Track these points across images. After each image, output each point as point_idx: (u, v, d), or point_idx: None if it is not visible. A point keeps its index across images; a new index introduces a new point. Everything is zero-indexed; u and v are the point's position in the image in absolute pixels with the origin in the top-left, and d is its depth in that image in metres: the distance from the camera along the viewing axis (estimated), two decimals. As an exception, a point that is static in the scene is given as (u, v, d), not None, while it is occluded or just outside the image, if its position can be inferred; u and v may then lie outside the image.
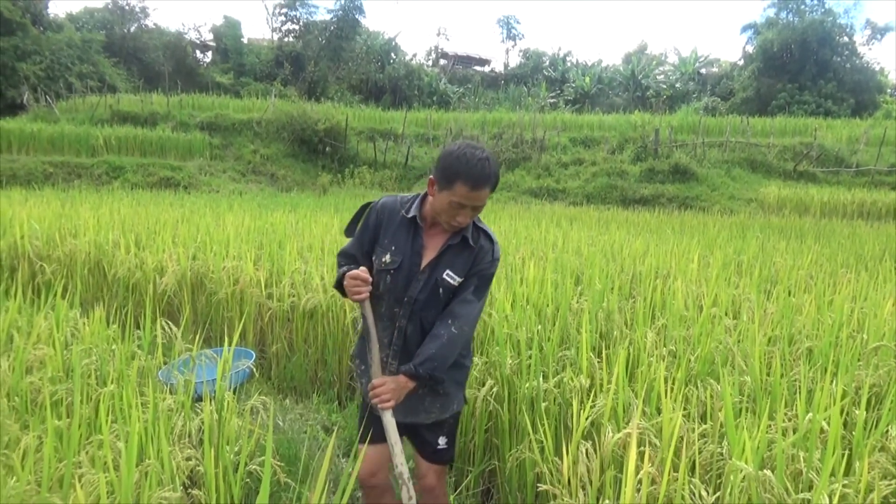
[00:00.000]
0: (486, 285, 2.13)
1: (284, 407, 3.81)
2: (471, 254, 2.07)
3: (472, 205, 1.94)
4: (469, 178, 1.89)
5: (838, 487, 1.45)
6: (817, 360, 2.66)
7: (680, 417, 1.82)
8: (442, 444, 2.18)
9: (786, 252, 6.46)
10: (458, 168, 1.90)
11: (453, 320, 2.03)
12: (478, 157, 1.91)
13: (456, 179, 1.90)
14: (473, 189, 1.91)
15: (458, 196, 1.92)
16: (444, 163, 1.95)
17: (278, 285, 4.45)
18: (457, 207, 1.94)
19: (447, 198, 1.94)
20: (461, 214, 1.97)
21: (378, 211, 2.14)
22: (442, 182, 1.95)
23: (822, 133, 22.71)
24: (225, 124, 22.29)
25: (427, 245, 2.09)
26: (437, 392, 2.11)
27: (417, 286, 2.06)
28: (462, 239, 2.06)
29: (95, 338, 2.95)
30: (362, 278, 2.00)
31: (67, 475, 1.79)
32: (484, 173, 1.91)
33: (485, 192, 1.93)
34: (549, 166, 20.77)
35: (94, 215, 6.97)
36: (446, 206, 1.95)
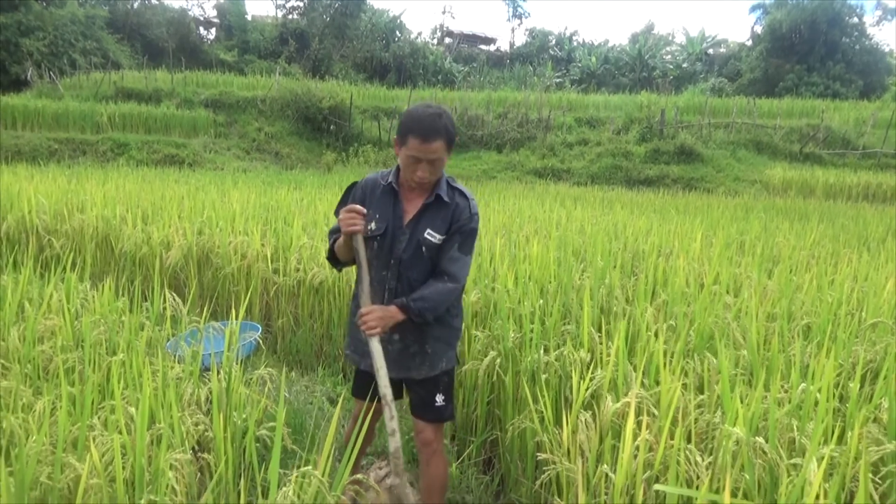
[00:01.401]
0: (470, 241, 2.24)
1: (290, 379, 3.87)
2: (448, 211, 2.18)
3: (426, 158, 2.04)
4: (419, 132, 2.01)
5: (827, 452, 1.49)
6: (815, 336, 2.70)
7: (678, 388, 1.87)
8: (440, 401, 2.28)
9: (789, 233, 6.48)
10: (409, 123, 2.04)
11: (446, 276, 2.17)
12: (429, 112, 2.03)
13: (409, 134, 2.03)
14: (424, 142, 2.01)
15: (412, 150, 2.03)
16: (401, 120, 2.10)
17: (284, 260, 4.50)
18: (414, 162, 2.06)
19: (405, 153, 2.06)
20: (419, 169, 2.07)
21: (362, 187, 2.29)
22: (399, 138, 2.09)
23: (830, 115, 22.56)
24: (229, 102, 22.23)
25: (407, 208, 2.22)
26: (425, 351, 2.23)
27: (401, 246, 2.18)
28: (436, 197, 2.17)
29: (105, 309, 3.00)
30: (357, 210, 2.10)
31: (81, 437, 1.84)
32: (433, 126, 2.01)
33: (436, 144, 2.02)
34: (554, 146, 20.70)
35: (100, 191, 7.01)
36: (406, 161, 2.08)
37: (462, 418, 3.00)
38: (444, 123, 2.03)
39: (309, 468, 1.71)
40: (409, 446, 3.01)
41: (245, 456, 2.11)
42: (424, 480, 2.33)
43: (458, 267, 2.18)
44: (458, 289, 2.19)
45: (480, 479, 2.67)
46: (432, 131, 2.01)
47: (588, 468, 1.88)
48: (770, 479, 1.66)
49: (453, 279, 2.16)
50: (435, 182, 2.18)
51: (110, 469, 1.76)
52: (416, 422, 2.34)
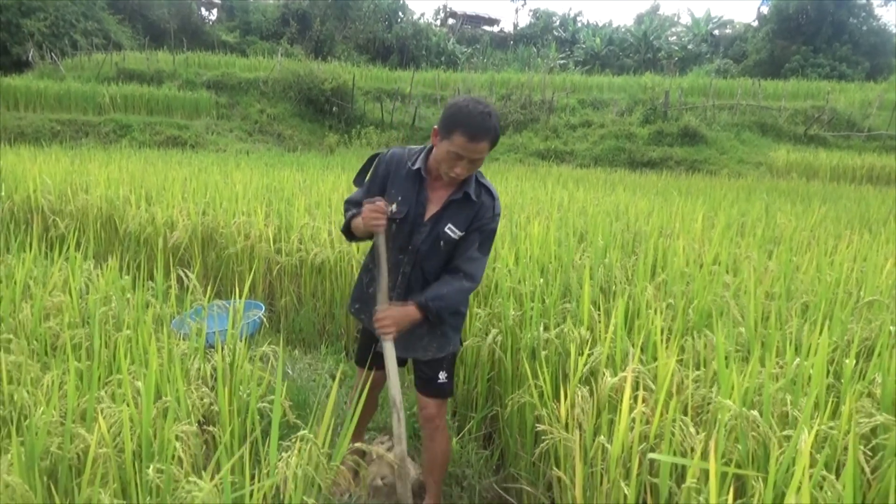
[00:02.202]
0: (490, 240, 2.22)
1: (293, 357, 3.92)
2: (472, 208, 2.14)
3: (469, 157, 1.99)
4: (468, 130, 1.94)
5: (817, 423, 1.53)
6: (812, 314, 2.73)
7: (674, 362, 1.90)
8: (442, 378, 2.31)
9: (790, 214, 6.48)
10: (458, 119, 1.95)
11: (463, 275, 2.15)
12: (479, 110, 1.95)
13: (455, 129, 1.95)
14: (471, 141, 1.95)
15: (456, 146, 1.97)
16: (446, 113, 2.00)
17: (287, 240, 4.53)
18: (455, 158, 2.00)
19: (446, 147, 1.99)
20: (459, 166, 2.01)
21: (387, 161, 2.22)
22: (443, 132, 2.01)
23: (835, 96, 22.40)
24: (231, 83, 22.15)
25: (431, 198, 2.17)
26: (434, 333, 2.24)
27: (420, 237, 2.16)
28: (464, 195, 2.13)
29: (111, 287, 3.04)
30: (381, 209, 2.07)
31: (90, 409, 1.89)
32: (483, 126, 1.94)
33: (483, 145, 1.97)
34: (558, 128, 20.63)
35: (103, 172, 7.04)
36: (445, 156, 2.01)
37: (463, 395, 3.04)
38: (493, 124, 1.98)
39: (307, 432, 1.76)
40: (411, 421, 3.06)
41: (249, 428, 2.15)
42: (427, 454, 2.38)
43: (475, 267, 2.17)
44: (473, 288, 2.19)
45: (480, 453, 2.72)
46: (482, 131, 1.95)
47: (585, 440, 1.92)
48: (763, 451, 1.70)
49: (470, 279, 2.15)
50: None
51: (118, 440, 1.81)
52: (419, 398, 2.38)
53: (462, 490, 2.61)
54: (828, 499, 1.40)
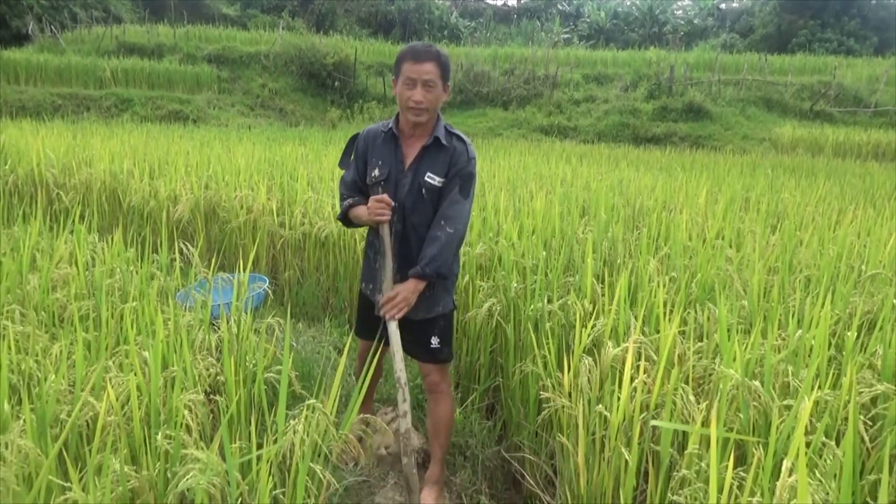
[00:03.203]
0: (470, 184, 2.30)
1: (297, 330, 3.95)
2: (447, 154, 2.25)
3: (420, 79, 2.13)
4: (411, 55, 2.15)
5: (815, 394, 1.54)
6: (815, 288, 2.74)
7: (676, 332, 1.91)
8: (435, 343, 2.36)
9: (795, 190, 6.46)
10: (402, 52, 2.19)
11: (446, 221, 2.22)
12: (422, 43, 2.20)
13: (402, 61, 2.17)
14: (416, 62, 2.13)
15: (405, 73, 2.14)
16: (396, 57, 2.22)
17: (290, 214, 4.54)
18: (408, 86, 2.15)
19: (400, 82, 2.17)
20: (415, 93, 2.15)
21: (364, 137, 2.36)
22: (395, 72, 2.21)
23: (842, 72, 22.17)
24: (232, 57, 21.95)
25: (406, 153, 2.30)
26: (424, 294, 2.28)
27: (404, 190, 2.25)
28: (434, 139, 2.24)
29: (116, 259, 3.06)
30: (386, 202, 2.18)
31: (98, 378, 1.91)
32: (426, 49, 2.16)
33: (428, 65, 2.13)
34: (561, 103, 20.46)
35: (106, 146, 7.02)
36: (401, 89, 2.18)
37: (466, 367, 3.07)
38: (436, 50, 2.17)
39: (315, 401, 1.78)
40: (415, 392, 3.10)
41: (255, 398, 2.18)
42: (431, 420, 2.42)
43: (457, 210, 2.24)
44: (460, 234, 2.25)
45: (483, 424, 2.75)
46: (425, 53, 2.14)
47: (587, 409, 1.94)
48: (764, 420, 1.72)
49: (452, 222, 2.22)
50: (433, 126, 2.26)
51: (126, 408, 1.83)
52: (420, 366, 2.44)
53: (465, 459, 2.64)
54: (827, 465, 1.42)
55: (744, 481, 1.43)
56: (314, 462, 1.74)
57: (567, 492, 1.93)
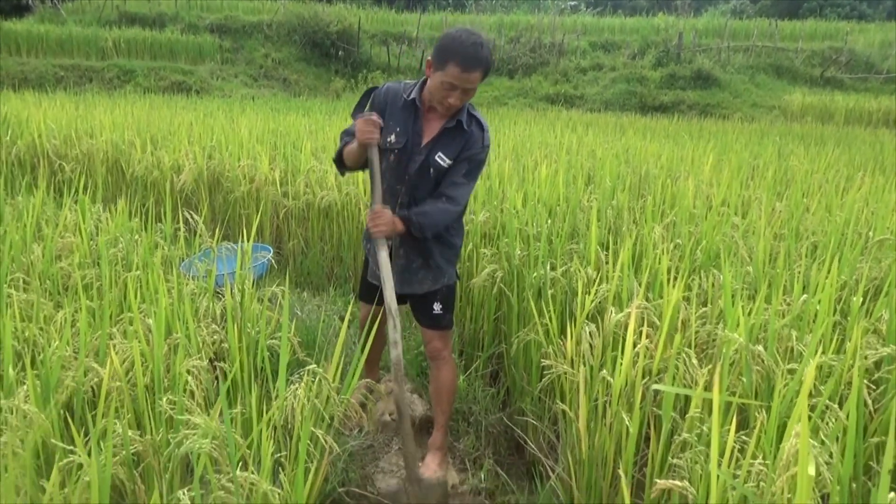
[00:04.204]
0: (478, 170, 2.28)
1: (302, 299, 3.96)
2: (463, 137, 2.21)
3: (462, 86, 2.04)
4: (461, 60, 1.99)
5: (817, 358, 1.53)
6: (822, 254, 2.71)
7: (680, 296, 1.90)
8: (437, 309, 2.38)
9: (803, 157, 6.38)
10: (451, 49, 2.01)
11: (447, 199, 2.21)
12: (472, 40, 2.01)
13: (448, 60, 2.01)
14: (464, 71, 2.00)
15: (449, 76, 2.02)
16: (440, 43, 2.06)
17: (293, 184, 4.52)
18: (448, 89, 2.05)
19: (440, 78, 2.05)
20: (452, 96, 2.07)
21: (384, 94, 2.28)
22: (437, 63, 2.06)
23: (854, 37, 21.77)
24: (235, 27, 21.67)
25: (426, 128, 2.24)
26: (429, 266, 2.32)
27: (414, 165, 2.22)
28: (457, 123, 2.18)
29: (120, 228, 3.06)
30: (374, 122, 2.11)
31: (102, 345, 1.92)
32: (476, 56, 2.00)
33: (475, 75, 2.03)
34: (568, 72, 20.20)
35: (108, 117, 6.98)
36: (439, 86, 2.06)
37: (470, 334, 3.08)
38: (486, 54, 2.04)
39: (315, 366, 1.79)
40: (419, 360, 3.11)
41: (259, 365, 2.19)
42: (434, 386, 2.44)
43: (460, 192, 2.22)
44: (457, 211, 2.24)
45: (487, 390, 2.76)
46: (475, 61, 2.01)
47: (589, 375, 1.94)
48: (767, 384, 1.71)
49: (453, 202, 2.21)
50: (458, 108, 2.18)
51: (131, 374, 1.84)
52: (423, 333, 2.45)
53: (469, 425, 2.66)
54: (831, 428, 1.42)
55: (746, 445, 1.43)
56: (316, 427, 1.75)
57: (569, 456, 1.94)
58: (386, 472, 2.43)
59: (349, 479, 2.31)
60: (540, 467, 2.26)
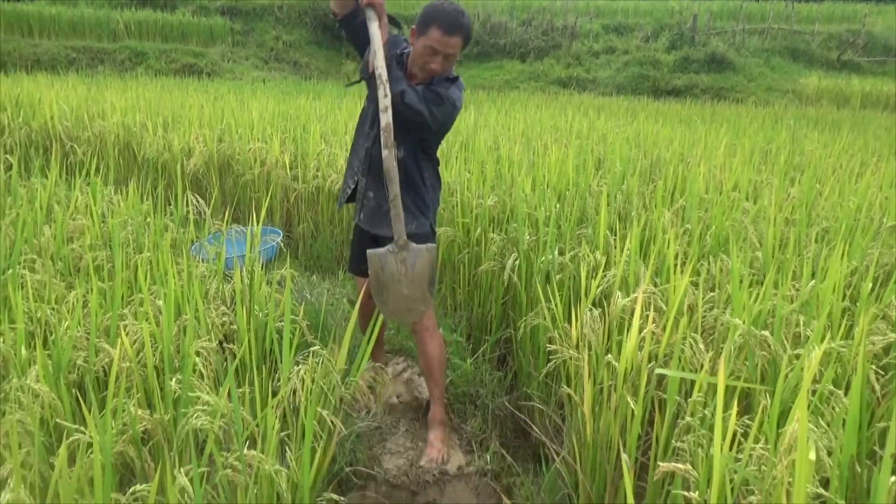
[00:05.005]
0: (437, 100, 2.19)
1: (311, 282, 3.98)
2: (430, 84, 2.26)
3: (443, 51, 2.14)
4: (442, 24, 2.10)
5: (825, 344, 1.53)
6: (832, 239, 2.69)
7: (687, 282, 1.90)
8: None
9: (817, 142, 6.31)
10: (433, 15, 2.13)
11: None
12: (453, 8, 2.14)
13: (430, 25, 2.12)
14: (445, 34, 2.11)
15: (431, 40, 2.12)
16: (423, 12, 2.17)
17: (303, 167, 4.53)
18: (430, 53, 2.15)
19: (423, 43, 2.15)
20: (434, 61, 2.16)
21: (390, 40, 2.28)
22: (419, 28, 2.16)
23: (872, 19, 21.38)
24: (246, 9, 21.59)
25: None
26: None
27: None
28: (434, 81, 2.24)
29: (131, 211, 3.08)
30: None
31: (113, 326, 1.95)
32: (456, 21, 2.12)
33: (456, 39, 2.13)
34: (580, 55, 20.02)
35: (120, 99, 7.01)
36: (422, 51, 2.16)
37: (478, 318, 3.09)
38: (466, 21, 2.14)
39: (319, 347, 1.80)
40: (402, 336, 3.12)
41: (268, 347, 2.21)
42: (423, 360, 2.44)
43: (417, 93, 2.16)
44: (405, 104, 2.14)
45: (494, 374, 2.78)
46: (455, 26, 2.11)
47: (594, 360, 1.94)
48: (773, 369, 1.71)
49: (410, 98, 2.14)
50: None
51: (141, 355, 1.87)
52: None
53: (476, 408, 2.68)
54: (835, 414, 1.42)
55: (749, 429, 1.44)
56: (323, 408, 1.77)
57: (574, 440, 1.96)
58: (393, 454, 2.45)
59: (357, 460, 2.33)
60: (545, 450, 2.28)
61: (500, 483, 2.36)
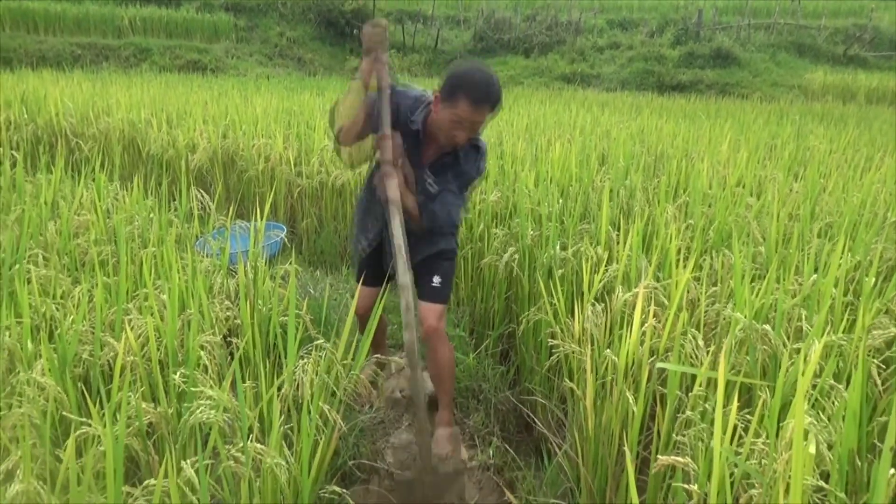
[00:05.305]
0: (467, 186, 2.27)
1: (315, 278, 3.99)
2: (457, 162, 2.21)
3: (471, 121, 2.02)
4: (471, 96, 1.97)
5: (825, 339, 1.53)
6: (836, 234, 2.69)
7: (689, 276, 1.90)
8: (436, 282, 2.38)
9: (822, 137, 6.29)
10: (462, 85, 1.98)
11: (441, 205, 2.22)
12: (483, 77, 2.00)
13: (459, 96, 1.98)
14: (474, 107, 1.98)
15: (459, 112, 1.99)
16: (450, 79, 2.03)
17: (307, 163, 4.54)
18: (456, 124, 2.03)
19: (449, 113, 2.02)
20: (460, 131, 2.05)
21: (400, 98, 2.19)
22: (446, 97, 2.02)
23: (879, 14, 21.25)
24: (249, 5, 21.60)
25: (424, 153, 2.24)
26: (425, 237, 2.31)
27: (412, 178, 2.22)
28: (454, 155, 2.20)
29: (136, 206, 3.10)
30: (383, 25, 1.99)
31: (118, 320, 1.96)
32: (487, 93, 1.99)
33: (485, 110, 2.01)
34: (584, 50, 19.97)
35: (125, 95, 7.04)
36: (447, 121, 2.04)
37: (480, 313, 3.10)
38: (496, 90, 2.02)
39: (322, 341, 1.81)
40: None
41: (271, 341, 2.23)
42: (432, 367, 2.44)
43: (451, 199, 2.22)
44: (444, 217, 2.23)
45: (497, 368, 2.79)
46: (486, 98, 1.99)
47: (596, 354, 1.95)
48: (774, 364, 1.71)
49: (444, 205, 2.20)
50: None
51: (146, 349, 1.88)
52: (420, 309, 2.41)
53: (479, 403, 2.69)
54: (835, 407, 1.42)
55: (749, 423, 1.44)
56: (326, 402, 1.78)
57: (575, 434, 1.96)
58: (396, 448, 2.47)
59: (360, 454, 2.34)
60: (547, 444, 2.29)
61: (502, 477, 2.37)
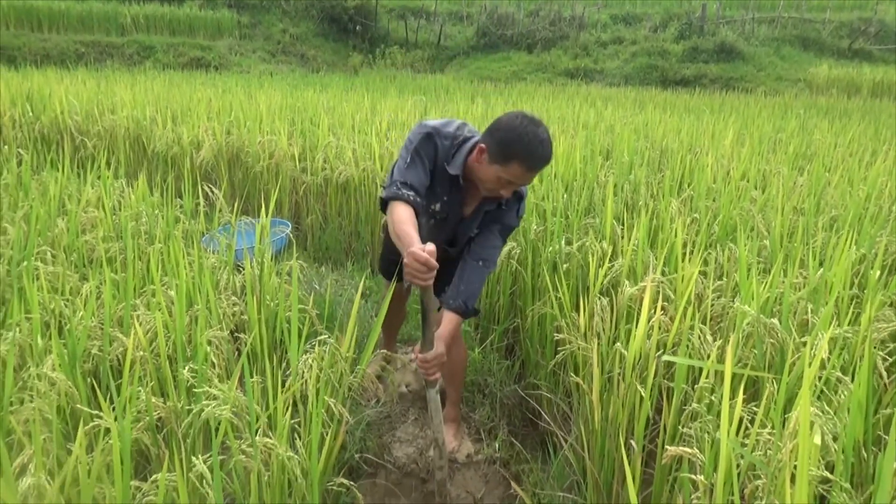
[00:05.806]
0: (508, 233, 2.23)
1: (320, 273, 4.00)
2: (499, 209, 2.16)
3: (522, 182, 1.93)
4: (527, 161, 1.85)
5: (831, 330, 1.54)
6: (841, 227, 2.69)
7: (696, 271, 1.91)
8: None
9: (827, 131, 6.27)
10: (518, 148, 1.84)
11: (483, 262, 2.13)
12: (539, 139, 1.84)
13: (514, 158, 1.85)
14: (529, 171, 1.87)
15: (511, 174, 1.88)
16: (503, 137, 1.86)
17: (312, 159, 4.55)
18: (506, 182, 1.92)
19: (498, 172, 1.89)
20: (507, 189, 1.96)
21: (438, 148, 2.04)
22: (497, 156, 1.88)
23: (884, 7, 21.13)
24: (252, 2, 21.59)
25: (466, 200, 2.15)
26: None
27: (451, 231, 2.20)
28: (498, 205, 2.14)
29: (142, 203, 3.11)
30: (431, 266, 1.65)
31: (126, 316, 1.97)
32: (543, 157, 1.87)
33: (537, 172, 1.92)
34: (588, 46, 19.92)
35: (129, 93, 7.05)
36: (494, 179, 1.92)
37: (486, 308, 3.10)
38: (550, 153, 1.89)
39: (326, 336, 1.82)
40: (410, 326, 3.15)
41: (278, 337, 2.24)
42: (446, 367, 2.44)
43: (496, 254, 2.17)
44: (490, 272, 2.18)
45: (502, 363, 2.79)
46: (541, 162, 1.88)
47: (602, 349, 1.96)
48: (780, 357, 1.72)
49: (488, 263, 2.14)
50: None
51: (154, 344, 1.90)
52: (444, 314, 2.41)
53: (484, 397, 2.70)
54: (841, 399, 1.43)
55: (755, 415, 1.45)
56: (331, 396, 1.79)
57: (581, 427, 1.97)
58: (402, 442, 2.48)
59: (367, 448, 2.36)
60: (553, 438, 2.30)
61: (508, 470, 2.38)
